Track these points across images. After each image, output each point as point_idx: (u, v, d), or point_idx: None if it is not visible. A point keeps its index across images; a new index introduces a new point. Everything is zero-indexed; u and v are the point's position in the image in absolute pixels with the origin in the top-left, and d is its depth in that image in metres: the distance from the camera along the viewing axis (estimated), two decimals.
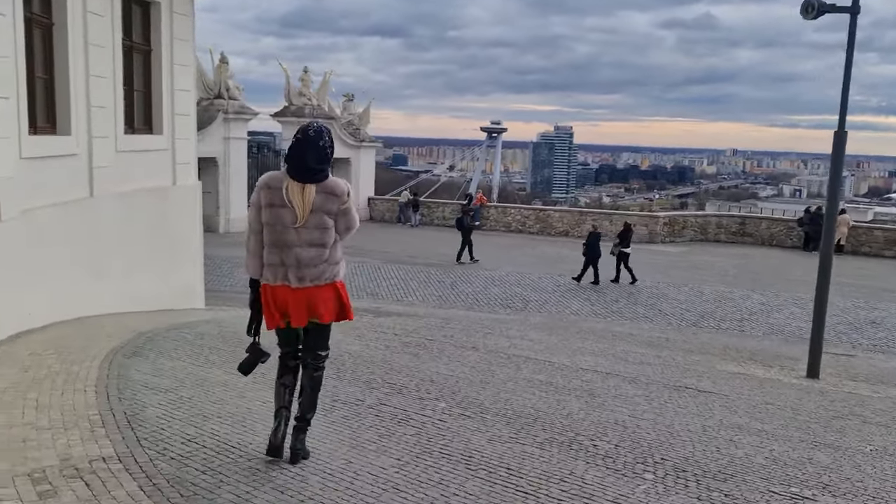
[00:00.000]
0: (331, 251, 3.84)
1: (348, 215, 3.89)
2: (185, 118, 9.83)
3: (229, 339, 7.65)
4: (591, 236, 18.61)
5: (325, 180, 3.81)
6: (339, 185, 3.87)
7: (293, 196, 3.73)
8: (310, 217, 3.75)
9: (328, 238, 3.81)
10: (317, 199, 3.76)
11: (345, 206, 3.84)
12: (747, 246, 25.78)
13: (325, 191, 3.79)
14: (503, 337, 10.64)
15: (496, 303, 16.10)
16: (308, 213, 3.74)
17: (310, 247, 3.77)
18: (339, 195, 3.82)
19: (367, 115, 32.53)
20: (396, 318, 12.55)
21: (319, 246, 3.79)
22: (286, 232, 3.75)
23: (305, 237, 3.76)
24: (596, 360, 8.92)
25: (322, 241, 3.79)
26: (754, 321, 14.92)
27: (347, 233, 3.94)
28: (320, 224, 3.77)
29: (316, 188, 3.76)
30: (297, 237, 3.75)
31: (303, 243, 3.76)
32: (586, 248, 18.31)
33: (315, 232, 3.77)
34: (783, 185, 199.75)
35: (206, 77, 26.38)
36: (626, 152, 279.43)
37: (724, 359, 10.57)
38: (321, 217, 3.77)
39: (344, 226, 3.89)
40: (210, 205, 26.63)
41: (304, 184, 3.75)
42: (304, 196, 3.74)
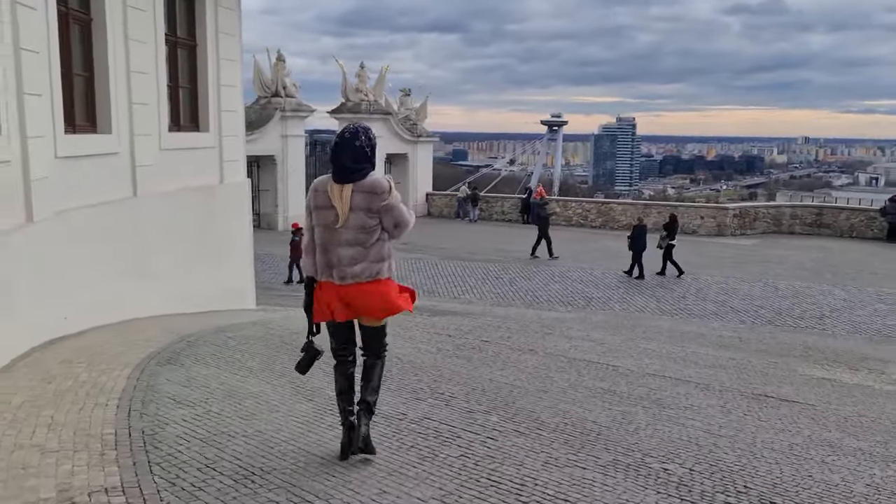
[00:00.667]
0: (373, 249, 3.87)
1: (393, 211, 3.89)
2: (232, 114, 9.60)
3: (273, 342, 7.33)
4: (637, 229, 17.89)
5: (363, 179, 3.83)
6: (380, 182, 3.88)
7: (334, 197, 3.82)
8: (351, 216, 3.80)
9: (370, 237, 3.84)
10: (356, 198, 3.80)
11: (386, 202, 3.84)
12: (824, 238, 24.33)
13: (364, 189, 3.82)
14: (563, 338, 10.06)
15: (556, 300, 15.49)
16: (347, 212, 3.80)
17: (349, 246, 3.83)
18: (378, 192, 3.83)
19: (424, 110, 32.18)
20: (451, 317, 12.11)
21: (358, 245, 3.83)
22: (330, 232, 3.84)
23: (345, 237, 3.82)
24: (663, 364, 8.26)
25: (362, 240, 3.83)
26: (836, 318, 13.88)
27: (399, 230, 3.95)
28: (361, 223, 3.81)
29: (354, 187, 3.81)
30: (338, 237, 3.83)
31: (343, 243, 3.83)
32: (631, 241, 17.71)
33: (355, 232, 3.82)
34: (859, 174, 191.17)
35: (263, 76, 26.51)
36: (691, 143, 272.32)
37: (805, 361, 9.73)
38: (362, 216, 3.81)
39: (391, 223, 3.90)
40: (269, 202, 26.84)
41: (342, 184, 3.82)
42: (343, 196, 3.80)
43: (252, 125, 25.96)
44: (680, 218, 25.15)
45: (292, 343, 7.38)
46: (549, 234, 20.15)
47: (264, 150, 26.12)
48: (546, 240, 20.07)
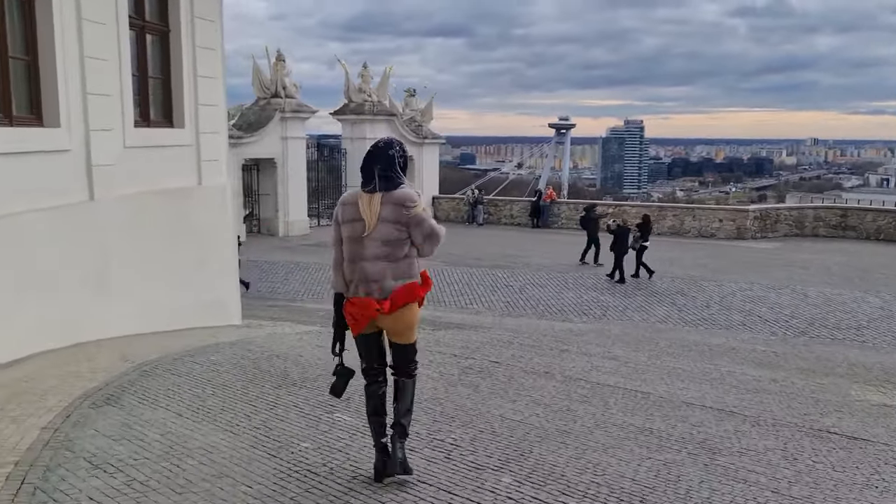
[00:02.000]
0: (401, 265, 3.78)
1: (422, 224, 3.77)
2: (211, 109, 8.60)
3: (248, 370, 6.31)
4: (619, 230, 17.13)
5: (393, 190, 3.76)
6: (408, 193, 3.79)
7: (363, 207, 3.75)
8: (378, 227, 3.72)
9: (397, 252, 3.76)
10: (384, 209, 3.72)
11: (415, 215, 3.74)
12: (850, 241, 23.17)
13: (392, 201, 3.74)
14: (582, 355, 9.01)
15: (571, 309, 14.42)
16: (375, 221, 3.72)
17: (376, 260, 3.74)
18: (406, 204, 3.74)
19: (429, 112, 31.16)
20: (457, 331, 11.07)
21: (385, 259, 3.74)
22: (357, 244, 3.76)
23: (372, 250, 3.74)
24: (700, 389, 7.19)
25: (389, 254, 3.74)
26: (875, 329, 12.76)
27: (429, 243, 3.82)
28: (388, 236, 3.72)
29: (383, 197, 3.74)
30: (366, 250, 3.74)
31: (370, 257, 3.74)
32: (612, 244, 17.01)
33: (382, 245, 3.73)
34: (869, 175, 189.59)
35: (262, 76, 25.58)
36: (699, 145, 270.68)
37: (854, 381, 8.64)
38: (390, 228, 3.72)
39: (420, 237, 3.78)
40: (269, 207, 25.88)
41: (371, 194, 3.76)
42: (371, 206, 3.73)
43: (251, 127, 25.06)
44: (697, 221, 24.14)
45: (271, 370, 6.37)
46: (598, 238, 18.91)
47: (264, 153, 25.17)
48: (595, 245, 18.92)
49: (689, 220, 24.26)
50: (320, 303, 15.21)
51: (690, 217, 24.29)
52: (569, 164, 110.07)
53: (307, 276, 18.04)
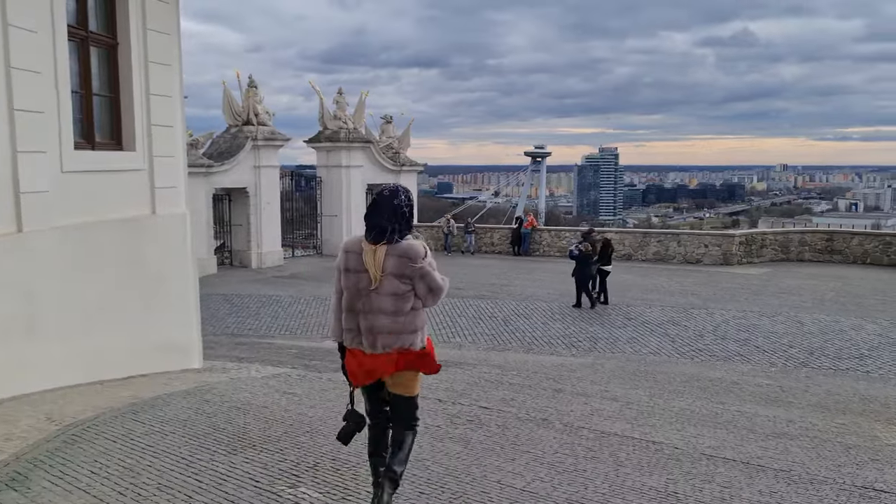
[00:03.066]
0: (407, 319, 3.68)
1: (427, 278, 3.67)
2: (166, 130, 7.76)
3: (200, 428, 5.41)
4: (581, 255, 16.60)
5: (399, 242, 3.65)
6: (414, 247, 3.68)
7: (367, 259, 3.63)
8: (383, 282, 3.62)
9: (403, 305, 3.66)
10: (389, 262, 3.62)
11: (420, 268, 3.64)
12: (837, 265, 22.73)
13: (398, 253, 3.63)
14: (578, 396, 8.20)
15: (559, 342, 13.63)
16: (380, 276, 3.61)
17: (382, 314, 3.64)
18: (413, 258, 3.64)
19: (406, 139, 30.52)
20: (442, 370, 10.20)
21: (392, 314, 3.65)
22: (360, 297, 3.66)
23: (377, 304, 3.63)
24: (715, 436, 6.41)
25: (395, 308, 3.65)
26: (878, 359, 12.11)
27: (432, 296, 3.73)
28: (394, 290, 3.63)
29: (388, 249, 3.63)
30: (370, 304, 3.64)
31: (375, 310, 3.64)
32: (574, 270, 16.61)
33: (388, 299, 3.63)
34: (838, 200, 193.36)
35: (234, 103, 24.78)
36: (673, 171, 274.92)
37: (876, 420, 7.91)
38: (395, 282, 3.62)
39: (424, 290, 3.69)
40: (241, 239, 24.94)
41: (376, 245, 3.64)
42: (376, 258, 3.62)
43: (222, 155, 24.21)
44: (682, 246, 23.59)
45: (227, 428, 5.48)
46: None
47: (236, 182, 24.29)
48: None
49: (674, 246, 23.70)
50: (293, 338, 14.30)
51: (675, 243, 23.74)
52: (545, 192, 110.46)
53: (280, 310, 17.11)
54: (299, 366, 9.78)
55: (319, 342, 13.88)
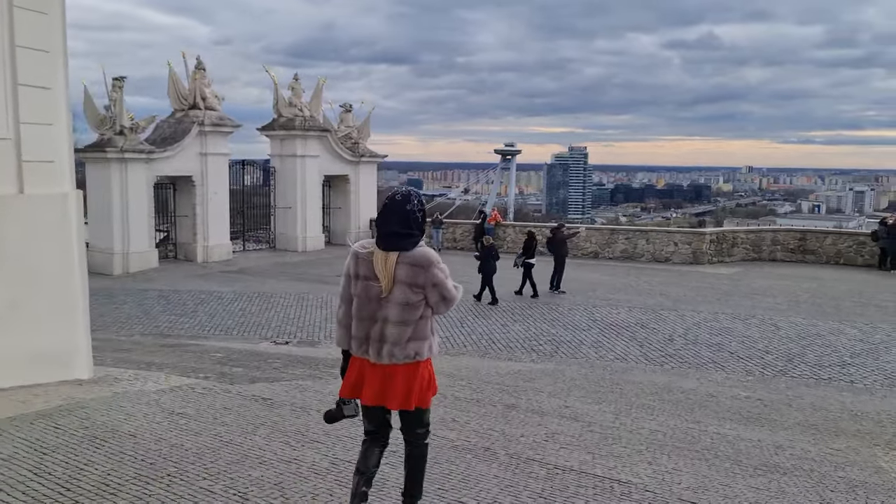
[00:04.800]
0: (416, 327, 3.56)
1: (440, 287, 3.55)
2: (40, 93, 6.38)
3: (44, 475, 4.07)
4: (484, 250, 16.60)
5: (411, 249, 3.52)
6: (427, 255, 3.56)
7: (378, 266, 3.52)
8: (394, 290, 3.50)
9: (413, 315, 3.55)
10: (401, 270, 3.50)
11: (433, 277, 3.52)
12: (810, 265, 21.95)
13: (409, 261, 3.51)
14: (533, 414, 7.02)
15: (518, 345, 12.46)
16: (391, 284, 3.49)
17: (391, 324, 3.52)
18: (425, 266, 3.52)
19: (366, 128, 29.11)
20: None
21: (401, 323, 3.52)
22: (371, 305, 3.55)
23: (387, 313, 3.52)
24: (694, 470, 5.25)
25: (405, 317, 3.53)
26: (861, 367, 11.15)
27: (444, 304, 3.62)
28: (405, 299, 3.51)
29: (399, 257, 3.50)
30: (380, 312, 3.54)
31: (385, 320, 3.52)
32: (480, 264, 16.29)
33: (398, 308, 3.52)
34: (801, 202, 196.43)
35: (179, 85, 23.18)
36: (641, 172, 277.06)
37: (873, 443, 6.86)
38: (406, 291, 3.51)
39: (437, 298, 3.58)
40: (187, 231, 23.36)
41: (387, 252, 3.52)
42: (387, 266, 3.50)
43: (166, 141, 22.61)
44: (651, 244, 22.63)
45: (86, 471, 4.15)
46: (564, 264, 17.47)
47: (180, 170, 22.70)
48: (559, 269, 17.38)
49: (643, 244, 22.72)
50: (227, 339, 12.94)
51: (644, 240, 22.75)
52: (514, 190, 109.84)
53: (219, 308, 15.69)
54: (214, 375, 8.45)
55: (255, 344, 12.56)
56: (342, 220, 28.26)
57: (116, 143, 20.58)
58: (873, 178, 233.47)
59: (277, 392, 7.13)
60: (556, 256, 17.45)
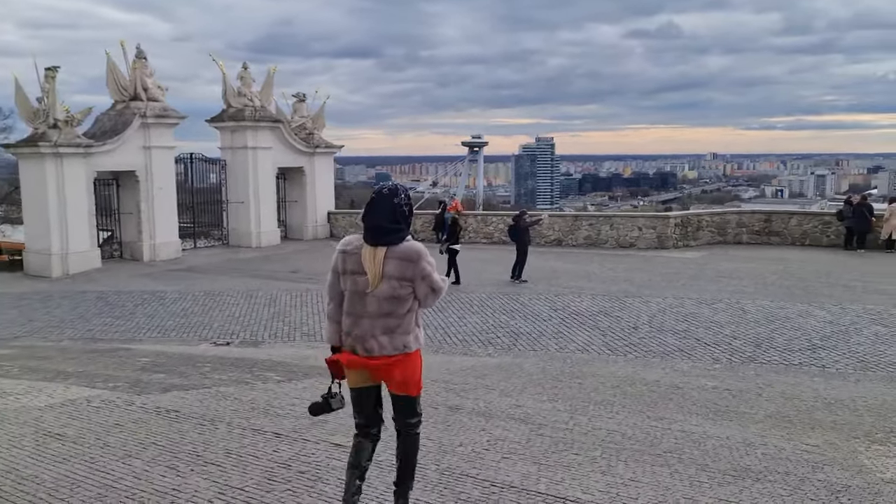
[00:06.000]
0: (404, 321, 3.59)
1: (428, 279, 3.58)
2: None
3: None
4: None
5: (398, 244, 3.54)
6: (415, 248, 3.59)
7: (366, 260, 3.53)
8: (382, 284, 3.52)
9: (400, 308, 3.57)
10: (390, 264, 3.51)
11: (422, 270, 3.54)
12: (776, 247, 21.55)
13: (398, 256, 3.52)
14: (478, 417, 6.27)
15: (474, 339, 11.73)
16: (379, 278, 3.51)
17: (379, 317, 3.54)
18: (414, 260, 3.53)
19: (321, 118, 28.07)
20: (318, 378, 8.18)
21: (388, 316, 3.55)
22: (360, 299, 3.57)
23: (376, 308, 3.54)
24: (655, 479, 4.54)
25: (392, 310, 3.55)
26: (832, 350, 10.61)
27: (433, 296, 3.63)
28: (393, 293, 3.53)
29: (387, 252, 3.52)
30: (367, 307, 3.55)
31: (372, 314, 3.55)
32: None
33: (386, 302, 3.53)
34: (764, 186, 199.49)
35: (119, 75, 21.96)
36: (607, 161, 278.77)
37: (852, 436, 6.23)
38: (394, 285, 3.52)
39: (425, 291, 3.59)
40: (132, 229, 22.21)
41: (375, 247, 3.53)
42: (375, 260, 3.51)
43: (106, 134, 21.42)
44: (615, 230, 22.06)
45: None
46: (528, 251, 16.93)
47: (122, 164, 21.52)
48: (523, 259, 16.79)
49: (607, 230, 22.11)
50: (163, 342, 12.01)
51: (608, 226, 22.14)
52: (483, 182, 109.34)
53: (160, 309, 14.72)
54: (127, 384, 7.55)
55: (193, 346, 11.66)
56: (299, 214, 27.26)
57: (50, 137, 19.36)
58: (834, 162, 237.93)
59: (189, 402, 6.29)
60: (519, 245, 16.78)
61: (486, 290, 15.62)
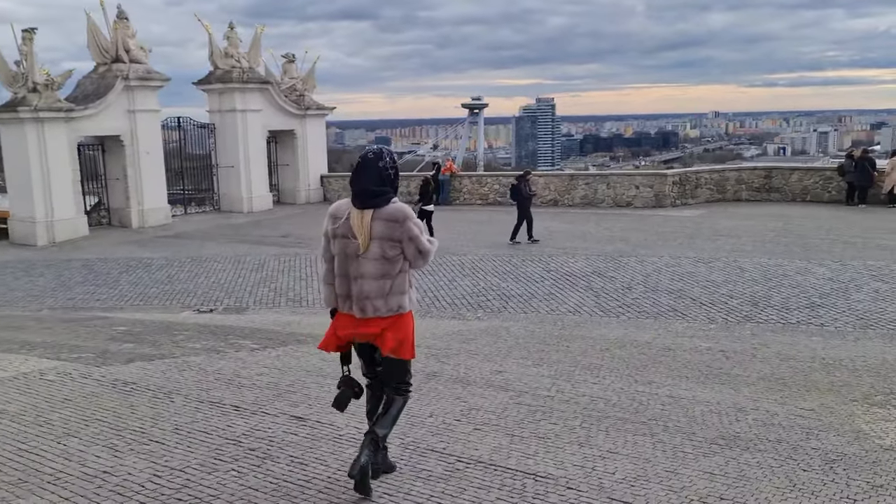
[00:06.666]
0: (395, 281, 3.63)
1: (416, 241, 3.62)
2: None
3: None
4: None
5: (385, 206, 3.59)
6: (402, 210, 3.63)
7: (354, 224, 3.58)
8: (371, 246, 3.57)
9: (392, 269, 3.61)
10: (377, 226, 3.57)
11: (409, 231, 3.59)
12: (776, 203, 21.08)
13: (385, 217, 3.57)
14: (454, 384, 5.95)
15: (464, 302, 11.39)
16: (368, 241, 3.56)
17: (371, 279, 3.58)
18: (400, 221, 3.59)
19: (311, 79, 27.36)
20: (294, 346, 7.88)
21: (380, 277, 3.59)
22: (351, 262, 3.62)
23: (366, 269, 3.59)
24: (636, 450, 4.22)
25: (384, 272, 3.59)
26: (831, 308, 10.25)
27: (421, 257, 3.68)
28: (383, 254, 3.58)
29: (374, 214, 3.57)
30: (360, 268, 3.60)
31: (364, 275, 3.59)
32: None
33: (377, 263, 3.58)
34: (767, 144, 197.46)
35: (100, 37, 21.29)
36: (609, 121, 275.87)
37: (850, 398, 5.90)
38: (384, 246, 3.57)
39: (413, 252, 3.64)
40: (119, 195, 21.74)
41: (362, 210, 3.58)
42: (363, 223, 3.57)
43: (89, 98, 20.84)
44: (612, 189, 21.59)
45: None
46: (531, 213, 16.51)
47: (107, 129, 20.95)
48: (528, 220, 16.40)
49: (603, 189, 21.62)
50: (145, 310, 11.69)
51: (604, 185, 21.64)
52: (483, 144, 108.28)
53: (145, 276, 14.37)
54: (93, 354, 7.23)
55: (175, 313, 11.34)
56: (291, 178, 26.74)
57: (30, 102, 18.80)
58: (836, 119, 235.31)
59: (150, 374, 5.97)
60: (519, 207, 16.28)
61: (480, 252, 15.23)
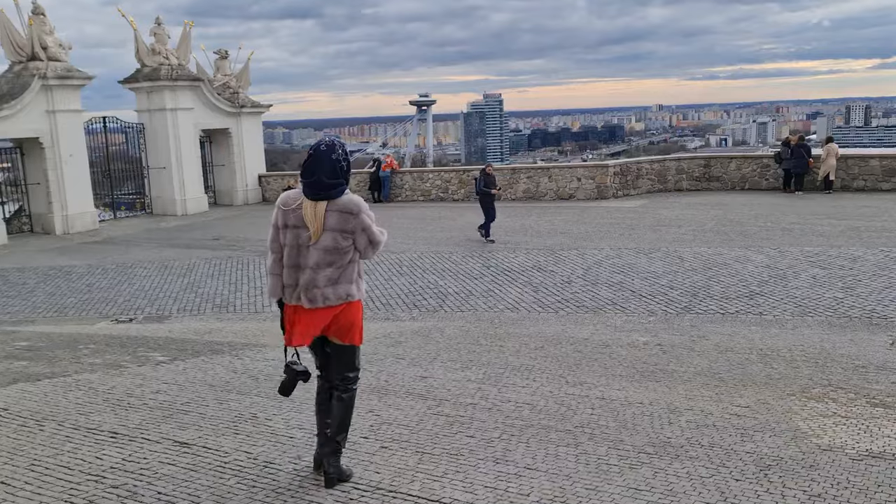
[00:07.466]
0: (345, 271, 3.66)
1: (367, 231, 3.66)
2: None
3: None
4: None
5: (338, 197, 3.62)
6: (354, 201, 3.67)
7: (307, 215, 3.59)
8: (323, 236, 3.59)
9: (342, 259, 3.64)
10: (331, 217, 3.59)
11: (362, 223, 3.63)
12: (715, 192, 21.16)
13: (338, 209, 3.60)
14: (369, 394, 5.46)
15: (398, 302, 10.91)
16: (320, 231, 3.58)
17: (320, 268, 3.60)
18: (354, 212, 3.61)
19: (245, 75, 26.47)
20: (207, 357, 7.30)
21: (329, 266, 3.61)
22: (300, 252, 3.63)
23: (317, 258, 3.60)
24: (556, 468, 3.81)
25: (333, 261, 3.61)
26: (769, 296, 10.10)
27: (372, 249, 3.73)
28: (333, 245, 3.60)
29: (328, 205, 3.59)
30: (309, 258, 3.61)
31: (314, 265, 3.60)
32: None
33: (327, 254, 3.60)
34: (709, 136, 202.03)
35: (13, 33, 20.08)
36: (556, 116, 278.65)
37: (787, 393, 5.63)
38: (336, 237, 3.60)
39: (365, 243, 3.68)
40: (41, 200, 20.58)
41: (315, 201, 3.59)
42: (316, 214, 3.58)
43: (4, 98, 19.62)
44: (554, 182, 21.36)
45: None
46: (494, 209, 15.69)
47: (23, 131, 19.79)
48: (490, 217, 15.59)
49: (545, 182, 21.38)
50: (57, 322, 10.89)
51: (546, 178, 21.40)
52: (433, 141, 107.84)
53: (64, 285, 13.49)
54: None
55: (90, 325, 10.58)
56: (227, 179, 25.85)
57: None
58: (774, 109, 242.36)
59: (29, 396, 5.33)
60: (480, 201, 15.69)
61: (418, 248, 14.77)
